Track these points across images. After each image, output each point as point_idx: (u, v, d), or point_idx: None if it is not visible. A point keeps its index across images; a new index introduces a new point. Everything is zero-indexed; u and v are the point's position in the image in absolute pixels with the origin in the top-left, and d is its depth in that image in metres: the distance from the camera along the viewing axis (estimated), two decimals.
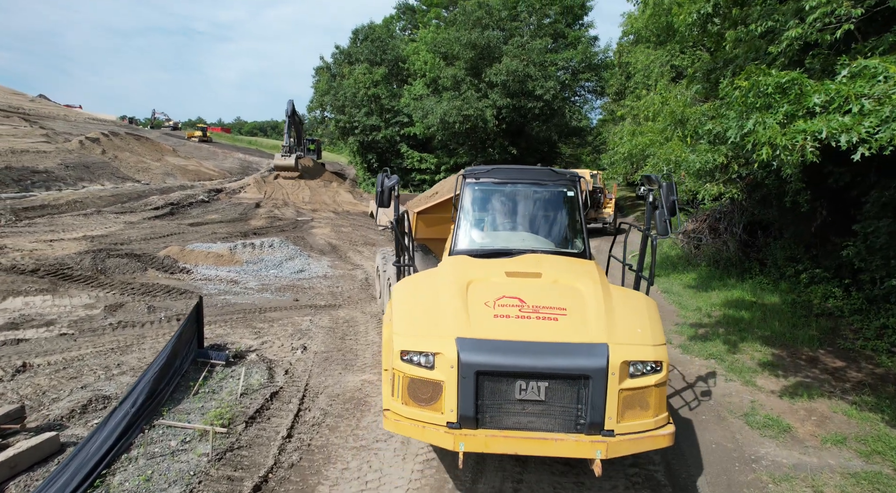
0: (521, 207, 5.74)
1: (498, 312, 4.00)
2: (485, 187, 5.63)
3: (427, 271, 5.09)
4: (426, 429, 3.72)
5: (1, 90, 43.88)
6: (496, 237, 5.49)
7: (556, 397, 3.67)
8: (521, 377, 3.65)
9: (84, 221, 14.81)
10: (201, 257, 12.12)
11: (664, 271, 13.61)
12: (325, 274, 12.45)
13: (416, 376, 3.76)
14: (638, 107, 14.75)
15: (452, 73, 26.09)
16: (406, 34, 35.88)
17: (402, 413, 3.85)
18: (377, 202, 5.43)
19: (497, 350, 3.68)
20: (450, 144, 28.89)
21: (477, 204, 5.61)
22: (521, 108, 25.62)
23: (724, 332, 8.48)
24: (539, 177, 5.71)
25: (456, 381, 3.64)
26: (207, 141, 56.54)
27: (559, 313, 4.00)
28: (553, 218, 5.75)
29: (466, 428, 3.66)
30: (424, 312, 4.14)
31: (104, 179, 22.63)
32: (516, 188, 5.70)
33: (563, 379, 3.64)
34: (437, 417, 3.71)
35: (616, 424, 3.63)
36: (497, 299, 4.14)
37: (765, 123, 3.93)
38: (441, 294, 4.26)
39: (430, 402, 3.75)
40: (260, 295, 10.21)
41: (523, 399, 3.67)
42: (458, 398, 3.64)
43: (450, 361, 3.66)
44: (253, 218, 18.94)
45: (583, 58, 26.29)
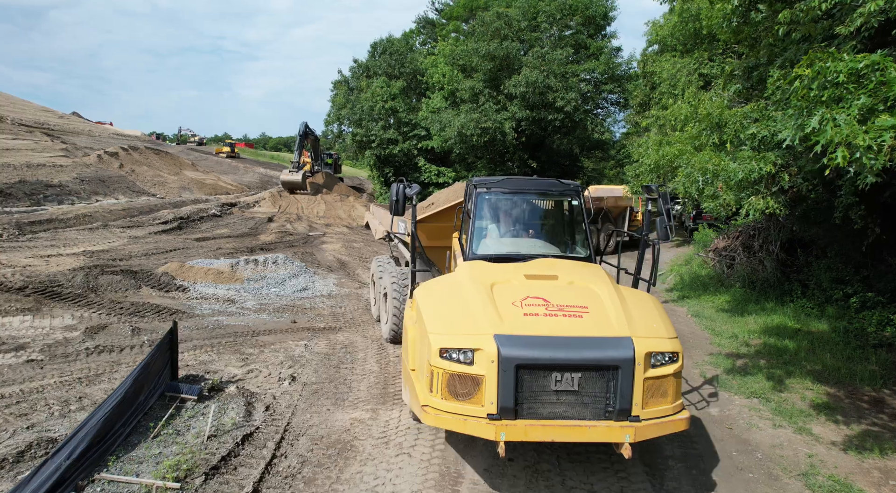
0: (529, 215, 6.15)
1: (527, 311, 4.28)
2: (495, 197, 5.93)
3: (446, 276, 5.49)
4: (467, 421, 3.94)
5: (32, 107, 44.88)
6: (508, 243, 5.75)
7: (588, 387, 3.97)
8: (557, 370, 3.94)
9: (88, 236, 14.46)
10: (200, 274, 11.56)
11: (694, 292, 12.59)
12: (330, 293, 11.76)
13: (455, 371, 4.00)
14: (664, 116, 13.87)
15: (470, 85, 25.53)
16: (425, 48, 35.60)
17: (442, 408, 4.04)
18: (391, 211, 5.67)
19: (534, 345, 3.97)
20: (468, 158, 28.26)
21: (488, 212, 5.91)
22: (542, 120, 24.88)
23: (767, 365, 7.48)
24: (545, 187, 6.13)
25: (496, 375, 3.89)
26: (235, 157, 56.71)
27: (582, 310, 4.31)
28: (559, 225, 6.22)
29: (506, 419, 3.89)
30: (456, 312, 4.41)
31: (119, 192, 22.51)
32: (524, 197, 6.09)
33: (595, 370, 3.96)
34: (477, 409, 3.95)
35: (641, 410, 3.95)
36: (523, 299, 4.42)
37: (834, 120, 3.11)
38: (468, 296, 4.54)
39: (470, 396, 4.00)
40: (256, 316, 9.54)
41: (558, 390, 3.95)
42: (499, 391, 3.89)
43: (490, 356, 3.92)
44: (263, 233, 18.46)
45: (605, 69, 25.50)
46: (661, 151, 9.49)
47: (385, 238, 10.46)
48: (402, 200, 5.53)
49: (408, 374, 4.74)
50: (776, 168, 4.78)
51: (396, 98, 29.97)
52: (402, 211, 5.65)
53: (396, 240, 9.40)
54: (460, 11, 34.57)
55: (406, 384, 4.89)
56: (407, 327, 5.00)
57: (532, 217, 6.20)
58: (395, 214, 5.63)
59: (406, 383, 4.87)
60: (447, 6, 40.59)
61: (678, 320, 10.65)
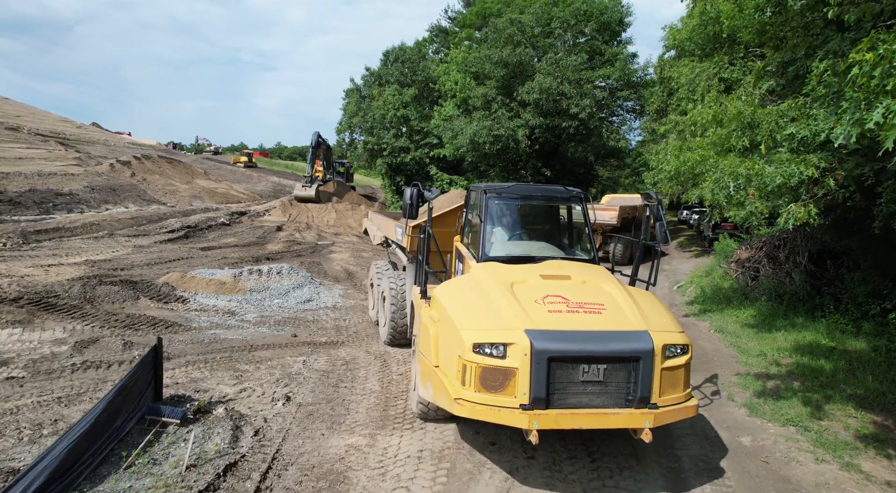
0: (536, 220, 6.49)
1: (550, 308, 4.53)
2: (505, 202, 6.17)
3: (463, 277, 5.78)
4: (501, 412, 4.14)
5: (51, 118, 45.50)
6: (518, 246, 5.99)
7: (612, 377, 4.22)
8: (585, 362, 4.17)
9: (92, 245, 14.24)
10: (202, 285, 11.21)
11: (716, 305, 11.94)
12: (335, 305, 11.34)
13: (488, 365, 4.19)
14: (683, 122, 13.32)
15: (483, 93, 25.16)
16: (438, 57, 35.40)
17: (475, 400, 4.22)
18: (405, 214, 6.05)
19: (564, 339, 4.19)
20: (480, 166, 27.84)
21: (499, 217, 6.11)
22: (556, 127, 24.39)
23: (802, 388, 6.87)
24: (551, 193, 6.47)
25: (529, 367, 4.09)
26: (253, 166, 56.66)
27: (600, 307, 4.58)
28: (564, 229, 6.50)
29: (538, 409, 4.10)
30: (484, 310, 4.61)
31: (129, 201, 22.42)
32: (532, 203, 6.44)
33: (619, 361, 4.21)
34: (510, 400, 4.15)
35: (659, 398, 4.23)
36: (544, 297, 4.66)
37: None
38: (492, 294, 4.76)
39: (502, 388, 4.19)
40: (255, 329, 9.13)
41: (585, 380, 4.19)
42: (531, 382, 4.09)
43: (523, 349, 4.11)
44: (271, 242, 18.16)
45: (621, 75, 24.97)
46: (681, 157, 8.97)
47: (383, 244, 10.63)
48: (415, 204, 5.81)
49: (429, 371, 4.87)
50: (818, 172, 4.25)
51: (408, 106, 29.72)
52: (415, 215, 6.01)
53: (394, 246, 9.63)
54: (473, 19, 34.36)
55: (427, 381, 5.00)
56: (427, 326, 5.09)
57: (539, 221, 6.55)
58: (409, 217, 6.03)
59: (426, 379, 5.00)
60: (460, 14, 40.46)
61: (700, 335, 10.04)
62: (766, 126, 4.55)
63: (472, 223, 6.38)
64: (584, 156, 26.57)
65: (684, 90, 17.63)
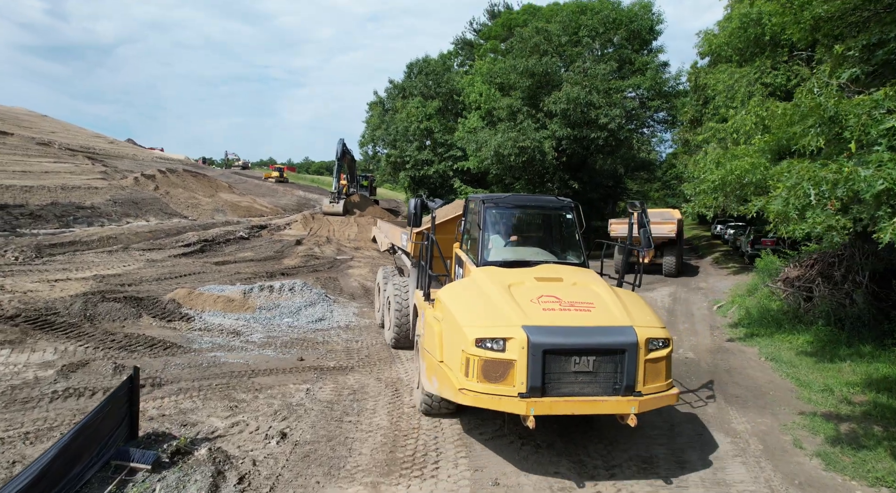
0: (531, 227, 6.87)
1: (544, 306, 4.88)
2: (502, 211, 6.57)
3: (463, 280, 6.12)
4: (501, 400, 4.49)
5: (84, 134, 46.60)
6: (514, 252, 6.31)
7: (600, 367, 4.62)
8: (576, 354, 4.56)
9: (105, 259, 13.91)
10: (209, 302, 10.65)
11: (764, 329, 10.83)
12: (348, 324, 10.64)
13: (489, 357, 4.53)
14: (724, 129, 12.34)
15: (508, 104, 24.45)
16: (463, 69, 34.97)
17: (478, 390, 4.56)
18: (409, 223, 6.57)
19: (558, 334, 4.58)
20: (505, 179, 27.06)
21: (497, 225, 6.48)
22: (584, 139, 23.48)
23: (887, 435, 5.81)
24: (544, 203, 6.92)
25: (526, 359, 4.44)
26: (284, 181, 56.65)
27: (589, 305, 4.96)
28: (557, 235, 6.78)
29: (534, 397, 4.46)
30: (484, 308, 4.97)
31: (151, 214, 22.31)
32: (527, 212, 6.89)
33: (606, 353, 4.61)
34: (509, 389, 4.50)
35: (643, 386, 4.65)
36: (538, 297, 5.02)
37: None
38: (491, 295, 5.13)
39: (502, 378, 4.53)
40: (259, 352, 8.46)
41: (576, 371, 4.58)
42: (528, 373, 4.44)
43: (520, 343, 4.47)
44: (288, 256, 17.65)
45: (652, 84, 23.99)
46: (728, 165, 8.06)
47: (390, 250, 10.99)
48: (419, 214, 6.37)
49: (434, 366, 5.25)
50: None
51: (432, 118, 29.22)
52: (419, 223, 6.52)
53: (400, 251, 9.97)
54: (499, 30, 33.87)
55: (432, 376, 5.37)
56: (432, 325, 5.45)
57: (533, 228, 6.93)
58: (413, 225, 6.40)
59: (432, 373, 5.37)
60: (485, 27, 40.07)
61: (749, 363, 8.98)
62: (856, 120, 3.69)
63: (470, 231, 6.72)
64: (613, 168, 25.56)
65: (722, 97, 16.60)
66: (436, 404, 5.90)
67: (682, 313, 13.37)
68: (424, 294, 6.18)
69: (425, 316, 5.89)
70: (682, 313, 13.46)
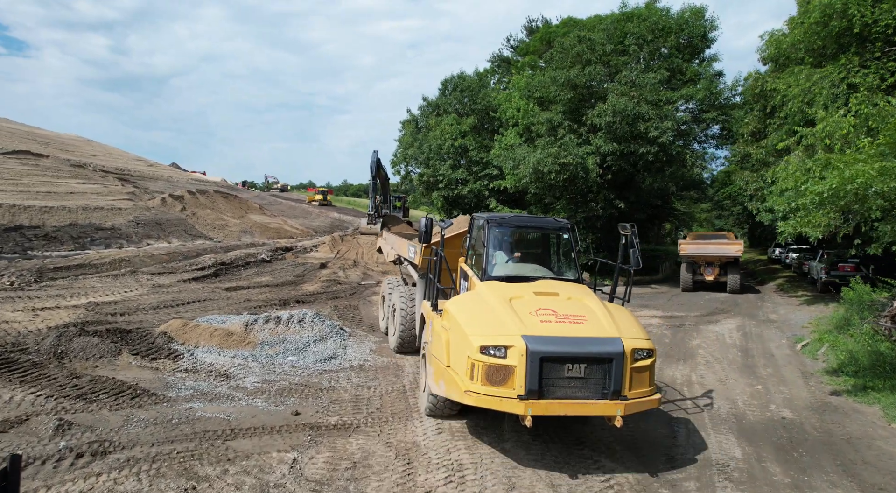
0: (532, 245, 7.54)
1: (541, 318, 5.45)
2: (505, 230, 7.12)
3: (469, 293, 6.66)
4: (502, 401, 5.04)
5: (125, 157, 47.43)
6: (516, 268, 6.83)
7: (591, 374, 5.16)
8: (569, 361, 5.10)
9: (108, 284, 12.84)
10: (205, 336, 9.27)
11: (882, 380, 8.62)
12: (362, 364, 9.05)
13: (492, 363, 5.08)
14: (812, 133, 10.34)
15: (548, 118, 22.82)
16: (500, 85, 33.67)
17: (481, 392, 5.10)
18: (420, 239, 7.19)
19: (553, 343, 5.13)
20: (545, 198, 25.29)
21: (500, 243, 6.99)
22: (631, 154, 21.55)
23: None
24: (544, 223, 7.74)
25: (525, 365, 4.98)
26: (328, 204, 55.98)
27: (582, 318, 5.53)
28: (555, 253, 7.38)
29: (532, 399, 4.98)
30: (488, 319, 5.52)
31: (174, 236, 21.52)
32: (528, 231, 7.60)
33: (596, 361, 5.15)
34: (509, 392, 5.04)
35: (628, 392, 5.17)
36: (537, 309, 5.59)
37: None
38: (494, 307, 5.69)
39: (503, 382, 5.06)
40: (248, 402, 6.94)
41: (569, 376, 5.12)
42: (527, 377, 4.97)
43: (520, 351, 5.01)
44: (308, 281, 16.32)
45: (706, 95, 21.92)
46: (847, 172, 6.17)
47: (395, 261, 11.32)
48: (429, 232, 6.77)
49: (442, 370, 5.68)
50: None
51: (467, 136, 27.86)
52: (429, 240, 6.89)
53: (406, 263, 10.10)
54: (537, 45, 32.47)
55: (440, 380, 5.76)
56: (439, 334, 5.84)
57: (533, 247, 7.38)
58: (423, 242, 6.89)
59: (440, 378, 5.77)
60: (522, 43, 38.84)
61: (875, 430, 6.89)
62: None
63: (475, 247, 7.07)
64: (663, 186, 23.45)
65: (797, 103, 14.52)
66: (440, 407, 6.31)
67: (759, 354, 11.22)
68: (433, 305, 6.59)
69: (433, 325, 6.30)
70: (759, 353, 11.32)
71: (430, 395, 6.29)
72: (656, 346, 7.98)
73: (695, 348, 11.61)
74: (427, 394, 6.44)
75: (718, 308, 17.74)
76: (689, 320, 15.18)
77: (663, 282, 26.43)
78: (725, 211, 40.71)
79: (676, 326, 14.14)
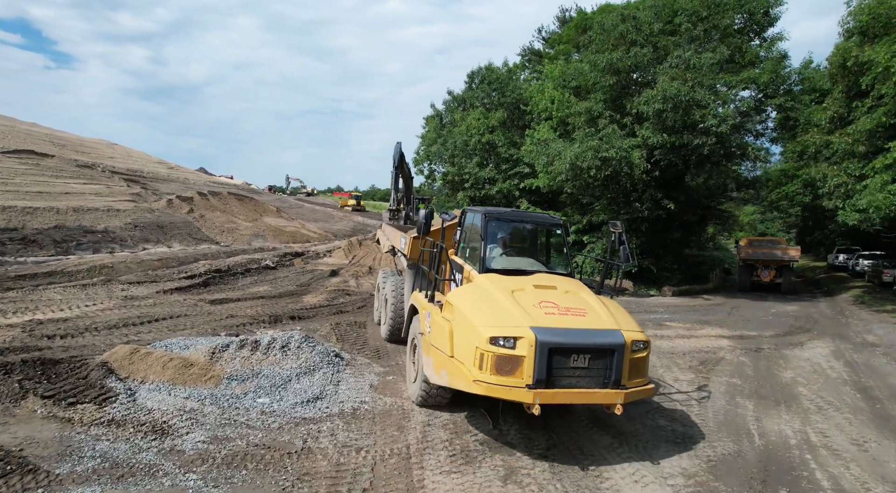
0: (527, 240, 7.72)
1: (545, 311, 5.59)
2: (502, 225, 7.25)
3: (470, 285, 6.58)
4: (511, 390, 5.18)
5: (145, 159, 46.60)
6: (512, 261, 6.97)
7: (594, 364, 5.34)
8: (575, 352, 5.27)
9: (70, 296, 10.91)
10: (156, 368, 7.14)
11: None
12: (356, 407, 6.78)
13: (501, 353, 5.20)
14: None
15: (587, 107, 20.30)
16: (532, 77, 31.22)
17: (490, 381, 5.21)
18: (419, 231, 7.00)
19: (561, 334, 5.29)
20: (582, 199, 22.72)
21: (497, 237, 7.11)
22: (683, 147, 18.83)
23: None
24: (539, 219, 7.92)
25: (534, 356, 5.13)
26: (361, 210, 54.19)
27: (583, 311, 5.73)
28: (548, 248, 7.73)
29: (539, 388, 5.14)
30: (494, 311, 5.60)
31: (175, 240, 19.74)
32: (523, 226, 7.72)
33: (599, 352, 5.35)
34: (518, 381, 5.18)
35: (627, 381, 5.41)
36: (539, 302, 5.74)
37: None
38: (498, 299, 5.80)
39: (511, 372, 5.20)
40: (174, 481, 4.72)
41: (574, 366, 5.29)
42: (535, 367, 5.13)
43: (529, 342, 5.15)
44: (313, 292, 14.18)
45: (770, 79, 19.05)
46: None
47: (390, 252, 11.41)
48: (429, 223, 6.78)
49: (444, 361, 5.78)
50: None
51: (495, 131, 25.50)
52: (428, 231, 6.91)
53: (399, 253, 10.18)
54: (571, 34, 29.95)
55: (441, 370, 5.89)
56: (441, 325, 5.95)
57: (529, 242, 7.69)
58: (422, 234, 6.87)
59: (441, 368, 5.89)
60: (555, 35, 36.33)
61: None
62: None
63: (470, 240, 7.32)
64: (720, 183, 20.64)
65: None
66: (432, 396, 6.47)
67: (886, 395, 8.53)
68: (429, 296, 6.60)
69: (432, 316, 6.33)
70: (884, 393, 8.63)
71: (424, 383, 6.42)
72: (737, 378, 7.86)
73: (790, 384, 8.99)
74: (419, 384, 6.56)
75: (794, 326, 14.93)
76: (766, 342, 12.49)
77: (715, 292, 23.55)
78: (780, 213, 37.15)
79: (753, 350, 11.49)
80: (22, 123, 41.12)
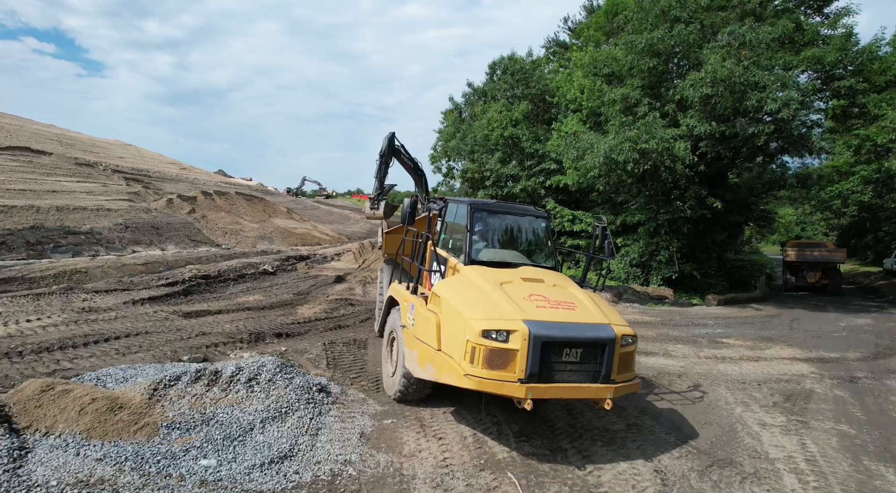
0: (512, 232, 7.48)
1: (536, 304, 5.50)
2: (487, 217, 7.15)
3: (456, 277, 6.36)
4: (503, 385, 5.02)
5: (158, 160, 45.58)
6: (497, 253, 6.87)
7: (585, 358, 5.25)
8: (568, 346, 5.17)
9: (17, 308, 9.20)
10: (71, 412, 5.28)
11: None
12: (337, 473, 4.83)
13: (493, 347, 5.04)
14: None
15: (623, 94, 18.15)
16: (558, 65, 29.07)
17: (482, 375, 5.05)
18: (403, 221, 6.96)
19: (554, 328, 5.17)
20: (615, 197, 20.54)
21: (482, 229, 7.07)
22: (735, 137, 16.55)
23: None
24: (524, 211, 7.47)
25: (527, 349, 5.00)
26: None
27: (572, 305, 5.63)
28: (534, 241, 7.47)
29: (532, 383, 5.02)
30: (484, 304, 5.43)
31: (171, 242, 18.11)
32: (508, 218, 7.38)
33: (591, 346, 5.24)
34: (510, 376, 5.04)
35: (616, 376, 5.33)
36: (529, 295, 5.65)
37: None
38: (487, 292, 5.64)
39: (504, 366, 5.05)
40: None
41: (566, 361, 5.19)
42: (528, 361, 5.00)
43: (522, 335, 5.01)
44: (311, 301, 12.30)
45: (836, 60, 16.68)
46: None
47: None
48: (413, 212, 6.68)
49: (430, 354, 5.61)
50: None
51: (519, 124, 23.45)
52: (412, 221, 6.81)
53: None
54: (601, 20, 27.75)
55: (426, 363, 5.69)
56: (428, 318, 5.75)
57: (514, 234, 7.45)
58: (406, 224, 6.79)
59: (426, 362, 5.69)
60: (581, 24, 34.16)
61: None
62: None
63: (454, 231, 7.14)
64: (776, 179, 18.28)
65: None
66: (411, 390, 6.27)
67: None
68: (412, 288, 6.63)
69: (416, 308, 6.15)
70: None
71: (404, 378, 6.23)
72: (847, 424, 6.99)
73: None
74: (398, 378, 6.37)
75: (881, 345, 12.57)
76: (857, 368, 10.22)
77: (763, 301, 21.05)
78: (830, 213, 34.25)
79: (846, 380, 9.25)
80: (36, 123, 40.37)
